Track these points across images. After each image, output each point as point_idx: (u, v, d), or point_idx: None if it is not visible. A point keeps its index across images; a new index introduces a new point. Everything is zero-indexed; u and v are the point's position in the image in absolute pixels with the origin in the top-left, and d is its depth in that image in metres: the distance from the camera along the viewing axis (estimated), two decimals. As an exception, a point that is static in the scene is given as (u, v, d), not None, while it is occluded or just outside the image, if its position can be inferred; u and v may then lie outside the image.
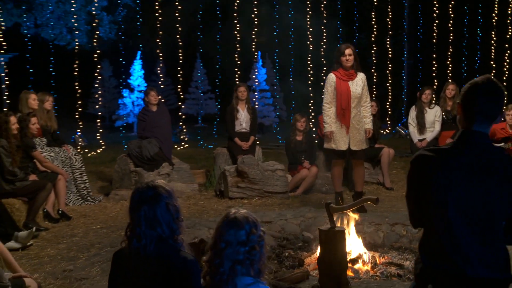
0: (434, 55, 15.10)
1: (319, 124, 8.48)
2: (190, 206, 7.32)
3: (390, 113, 15.69)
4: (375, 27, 15.26)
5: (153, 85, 15.05)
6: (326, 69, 12.86)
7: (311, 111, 13.36)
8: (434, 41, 15.13)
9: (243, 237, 2.42)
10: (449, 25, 15.02)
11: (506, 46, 15.12)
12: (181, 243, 2.56)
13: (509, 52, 15.08)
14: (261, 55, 17.10)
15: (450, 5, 14.91)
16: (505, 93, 2.48)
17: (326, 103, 6.52)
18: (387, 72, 15.55)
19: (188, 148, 12.95)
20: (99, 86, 17.29)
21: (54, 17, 16.75)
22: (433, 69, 15.05)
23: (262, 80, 17.25)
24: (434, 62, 15.04)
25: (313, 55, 13.79)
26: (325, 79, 6.67)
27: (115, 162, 8.25)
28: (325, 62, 13.58)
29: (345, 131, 6.44)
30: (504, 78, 15.05)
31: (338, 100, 6.41)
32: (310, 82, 13.68)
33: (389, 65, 15.56)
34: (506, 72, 15.13)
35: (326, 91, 6.54)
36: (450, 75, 14.46)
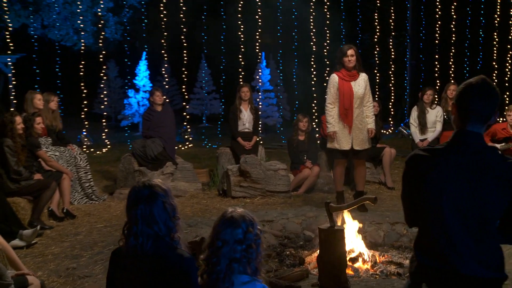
0: (436, 56, 15.04)
1: (322, 124, 8.53)
2: (193, 205, 7.37)
3: (392, 113, 15.67)
4: (378, 28, 15.25)
5: (158, 86, 15.05)
6: (329, 69, 12.88)
7: (314, 111, 13.39)
8: (436, 42, 15.09)
9: (239, 235, 2.43)
10: (452, 26, 14.98)
11: (508, 47, 15.00)
12: (178, 241, 2.56)
13: (511, 53, 15.00)
14: (265, 55, 17.15)
15: (452, 6, 14.86)
16: (499, 93, 2.47)
17: (329, 104, 6.55)
18: (390, 72, 15.54)
19: (192, 147, 12.95)
20: (105, 86, 17.33)
21: (60, 18, 16.79)
22: (436, 69, 15.00)
23: (266, 80, 17.29)
24: (436, 62, 14.99)
25: (316, 56, 13.82)
26: (328, 79, 6.71)
27: (120, 161, 8.32)
28: (328, 62, 13.60)
29: (348, 131, 6.47)
30: (506, 78, 14.97)
31: (341, 100, 6.44)
32: (313, 82, 13.71)
33: (392, 66, 15.54)
34: (508, 72, 15.02)
35: (329, 91, 6.56)
36: (452, 76, 14.42)
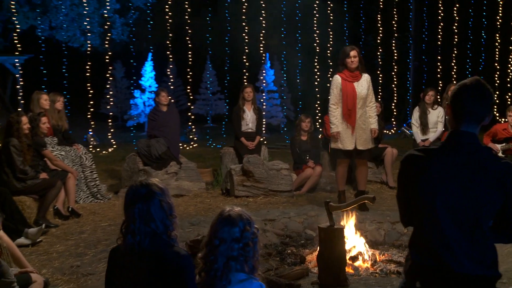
0: (439, 57, 15.06)
1: (324, 124, 8.57)
2: (196, 204, 7.43)
3: (395, 113, 15.68)
4: (381, 29, 15.26)
5: (164, 86, 15.12)
6: (332, 70, 12.93)
7: (317, 112, 13.43)
8: (439, 43, 15.12)
9: (237, 234, 2.45)
10: (454, 27, 14.96)
11: (510, 48, 14.98)
12: (175, 239, 2.58)
13: (513, 53, 15.04)
14: (269, 56, 17.20)
15: (455, 8, 14.86)
16: (493, 94, 2.50)
17: (332, 104, 6.58)
18: (393, 73, 15.53)
19: (197, 147, 12.99)
20: (111, 86, 17.43)
21: (68, 20, 16.91)
22: (438, 70, 15.01)
23: (270, 81, 17.36)
24: (439, 64, 15.01)
25: (320, 57, 13.87)
26: (331, 80, 6.75)
27: (125, 161, 8.40)
28: (331, 63, 13.64)
29: (351, 131, 6.50)
30: (508, 79, 14.96)
31: (344, 101, 6.47)
32: (316, 83, 13.75)
33: (395, 67, 15.54)
34: (510, 74, 15.01)
35: (332, 92, 6.59)
36: (454, 77, 14.41)
